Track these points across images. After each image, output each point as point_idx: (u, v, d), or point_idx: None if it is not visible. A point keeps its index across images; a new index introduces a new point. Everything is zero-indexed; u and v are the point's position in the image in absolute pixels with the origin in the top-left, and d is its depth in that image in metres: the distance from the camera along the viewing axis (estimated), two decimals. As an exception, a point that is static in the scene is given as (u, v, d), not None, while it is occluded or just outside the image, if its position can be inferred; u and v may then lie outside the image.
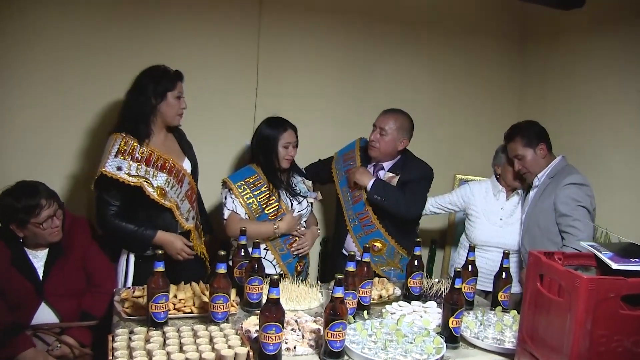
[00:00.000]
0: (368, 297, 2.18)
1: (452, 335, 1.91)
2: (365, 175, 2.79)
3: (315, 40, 3.41)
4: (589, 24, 3.32)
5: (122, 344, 1.71)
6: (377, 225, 2.82)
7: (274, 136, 2.70)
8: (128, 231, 2.38)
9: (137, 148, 2.39)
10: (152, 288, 1.89)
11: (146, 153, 2.41)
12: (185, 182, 2.54)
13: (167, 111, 2.47)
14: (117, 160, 2.34)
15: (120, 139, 2.38)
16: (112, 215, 2.37)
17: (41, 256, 2.34)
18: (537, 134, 2.77)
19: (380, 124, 2.81)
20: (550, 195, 2.67)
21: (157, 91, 2.43)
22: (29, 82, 2.85)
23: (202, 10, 3.13)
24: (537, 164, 2.76)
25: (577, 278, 1.45)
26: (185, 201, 2.54)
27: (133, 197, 2.38)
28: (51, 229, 2.28)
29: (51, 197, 2.30)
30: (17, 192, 2.27)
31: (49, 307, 2.29)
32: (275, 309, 1.66)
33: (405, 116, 2.87)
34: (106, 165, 2.33)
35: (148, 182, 2.38)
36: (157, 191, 2.39)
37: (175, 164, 2.49)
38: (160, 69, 2.48)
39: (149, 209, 2.42)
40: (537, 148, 2.74)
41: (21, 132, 2.87)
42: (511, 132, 2.83)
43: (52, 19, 2.85)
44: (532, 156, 2.76)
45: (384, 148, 2.82)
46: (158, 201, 2.39)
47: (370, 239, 2.83)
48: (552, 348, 1.55)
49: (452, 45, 3.73)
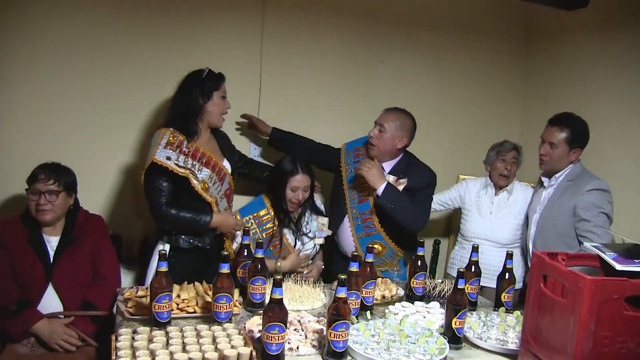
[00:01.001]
0: (371, 298, 2.18)
1: (455, 335, 1.91)
2: (378, 178, 2.68)
3: (319, 42, 3.41)
4: (592, 24, 3.31)
5: (125, 343, 1.72)
6: (379, 228, 2.80)
7: (284, 176, 2.70)
8: (187, 219, 2.47)
9: (184, 143, 2.51)
10: (155, 288, 1.89)
11: (192, 148, 2.53)
12: (225, 181, 2.66)
13: (213, 110, 2.60)
14: (167, 150, 2.46)
15: (169, 133, 2.50)
16: (165, 204, 2.46)
17: (54, 242, 2.41)
18: (582, 139, 2.71)
19: (380, 120, 2.79)
20: (570, 199, 2.62)
21: (204, 91, 2.56)
22: (28, 82, 2.86)
23: (205, 12, 3.13)
24: (562, 162, 2.72)
25: (581, 279, 1.45)
26: (223, 199, 2.66)
27: (181, 191, 2.49)
28: (37, 203, 2.33)
29: (54, 177, 2.36)
30: (46, 163, 2.43)
31: (55, 292, 2.34)
32: (279, 309, 1.66)
33: (406, 115, 2.84)
34: (156, 154, 2.43)
35: (194, 174, 2.50)
36: (201, 184, 2.51)
37: (217, 162, 2.61)
38: (205, 70, 2.61)
39: (190, 202, 2.52)
40: (574, 150, 2.69)
41: (23, 132, 2.88)
42: (562, 119, 2.73)
43: (53, 19, 2.85)
44: (564, 153, 2.69)
45: (382, 145, 2.78)
46: (201, 194, 2.51)
47: (370, 241, 2.78)
48: (556, 349, 1.54)
49: (456, 45, 3.73)
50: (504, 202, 3.12)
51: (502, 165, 3.12)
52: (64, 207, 2.42)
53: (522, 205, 3.07)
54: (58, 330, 2.24)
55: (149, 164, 2.44)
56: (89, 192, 2.68)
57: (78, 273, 2.40)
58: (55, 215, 2.38)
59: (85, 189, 2.62)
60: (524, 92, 3.92)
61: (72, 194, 2.46)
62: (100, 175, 3.03)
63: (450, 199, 3.32)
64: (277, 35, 3.29)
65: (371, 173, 2.68)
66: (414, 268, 2.35)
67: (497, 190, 3.16)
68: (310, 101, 3.43)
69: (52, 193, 2.35)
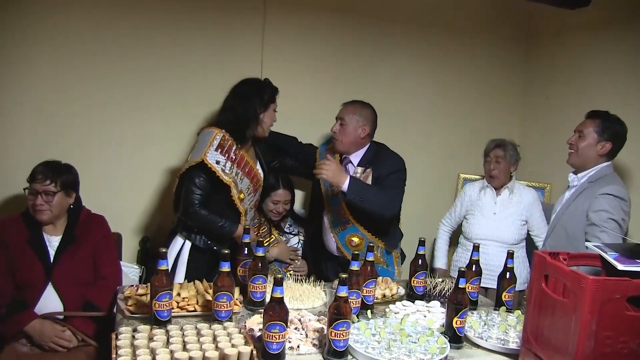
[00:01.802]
0: (372, 297, 2.18)
1: (456, 335, 1.90)
2: (339, 174, 2.60)
3: (319, 41, 3.40)
4: (594, 23, 3.30)
5: (125, 342, 1.71)
6: (352, 220, 2.78)
7: (267, 190, 2.85)
8: (214, 223, 2.51)
9: (233, 148, 2.55)
10: (155, 286, 1.89)
11: (239, 155, 2.58)
12: (257, 193, 2.72)
13: (267, 121, 2.65)
14: (217, 154, 2.50)
15: (221, 135, 2.54)
16: (198, 203, 2.49)
17: (55, 241, 2.40)
18: (614, 133, 2.57)
19: (340, 114, 2.80)
20: (584, 202, 2.53)
21: (262, 101, 2.60)
22: (28, 82, 2.85)
23: (206, 11, 3.12)
24: (589, 154, 2.58)
25: (583, 279, 1.45)
26: (252, 210, 2.73)
27: (216, 195, 2.54)
28: (34, 203, 2.33)
29: (51, 177, 2.35)
30: (47, 161, 2.41)
31: (54, 291, 2.33)
32: (279, 308, 1.66)
33: (364, 105, 2.85)
34: (208, 155, 2.48)
35: (235, 184, 2.54)
36: (239, 194, 2.57)
37: (257, 172, 2.67)
38: (264, 81, 2.68)
39: (222, 208, 2.55)
40: (602, 142, 2.56)
41: (24, 131, 2.87)
42: (597, 111, 2.65)
43: (52, 17, 2.84)
44: (592, 144, 2.57)
45: (346, 138, 2.78)
46: (237, 204, 2.56)
47: (347, 235, 2.79)
48: (557, 349, 1.54)
49: (457, 45, 3.73)
50: (507, 201, 3.11)
51: (487, 167, 3.14)
52: (62, 206, 2.41)
53: (527, 205, 3.06)
54: (47, 332, 2.23)
55: (198, 161, 2.46)
56: (89, 191, 2.67)
57: (79, 272, 2.39)
58: (52, 214, 2.37)
59: (86, 188, 2.61)
60: (524, 91, 3.92)
61: (71, 193, 2.44)
62: (101, 173, 3.02)
63: (459, 214, 3.32)
64: (278, 34, 3.29)
65: (331, 172, 2.59)
66: (415, 267, 2.35)
67: (498, 190, 3.16)
68: (311, 100, 3.43)
69: (48, 193, 2.33)
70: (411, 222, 3.67)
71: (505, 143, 3.15)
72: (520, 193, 3.11)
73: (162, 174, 3.17)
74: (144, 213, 3.16)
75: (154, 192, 3.17)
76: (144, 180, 3.14)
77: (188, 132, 3.15)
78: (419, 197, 3.79)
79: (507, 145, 3.14)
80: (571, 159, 2.66)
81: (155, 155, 3.13)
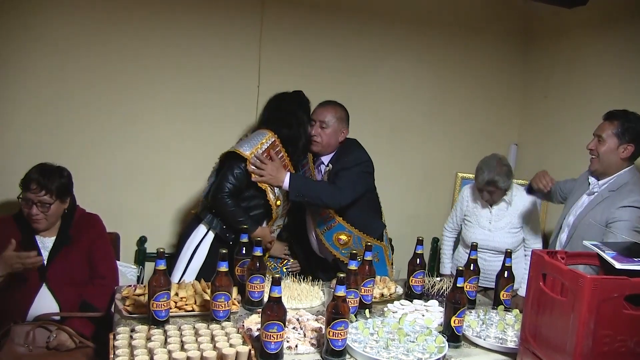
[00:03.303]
0: (370, 296, 2.18)
1: (454, 334, 1.90)
2: (277, 172, 2.59)
3: (317, 40, 3.40)
4: (592, 22, 3.31)
5: (123, 342, 1.71)
6: (337, 218, 2.75)
7: None
8: (235, 215, 2.55)
9: (280, 154, 2.62)
10: (153, 286, 1.89)
11: (284, 162, 2.64)
12: (288, 199, 2.72)
13: (305, 137, 2.72)
14: (263, 157, 2.57)
15: (274, 139, 2.63)
16: (228, 191, 2.54)
17: (48, 243, 2.37)
18: (636, 135, 2.41)
19: (320, 117, 2.74)
20: (604, 212, 2.39)
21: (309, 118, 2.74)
22: (26, 82, 2.85)
23: (204, 9, 3.12)
24: (610, 159, 2.43)
25: (581, 277, 1.44)
26: (283, 217, 2.77)
27: (250, 191, 2.60)
28: (29, 212, 2.30)
29: (46, 187, 2.29)
30: (40, 165, 2.36)
31: (49, 292, 2.32)
32: (277, 308, 1.66)
33: (341, 107, 2.82)
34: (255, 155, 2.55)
35: (272, 189, 2.62)
36: (276, 199, 2.63)
37: None
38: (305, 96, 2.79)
39: (256, 207, 2.62)
40: (624, 145, 2.41)
41: (20, 131, 2.88)
42: (615, 112, 2.49)
43: (52, 18, 2.85)
44: (613, 148, 2.42)
45: (326, 141, 2.75)
46: (273, 208, 2.62)
47: (334, 233, 2.77)
48: (555, 348, 1.54)
49: (455, 44, 3.73)
50: (503, 212, 3.06)
51: (481, 194, 3.08)
52: (58, 213, 2.38)
53: (521, 213, 3.03)
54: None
55: (245, 154, 2.53)
56: (87, 191, 2.67)
57: (74, 273, 2.38)
58: (49, 222, 2.35)
59: (83, 188, 2.61)
60: (523, 91, 3.92)
61: (66, 199, 2.40)
62: (98, 173, 3.03)
63: (459, 218, 3.27)
64: (275, 33, 3.29)
65: (267, 173, 2.58)
66: (413, 266, 2.34)
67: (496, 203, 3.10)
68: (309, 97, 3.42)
69: (44, 204, 2.30)
70: (410, 221, 3.68)
71: (495, 179, 2.95)
72: (517, 202, 3.04)
73: (160, 174, 3.17)
74: (142, 213, 3.16)
75: (152, 192, 3.17)
76: (142, 180, 3.14)
77: (186, 132, 3.15)
78: (417, 197, 3.79)
79: (498, 180, 2.95)
80: (594, 166, 2.50)
81: (153, 155, 3.13)
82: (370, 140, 2.93)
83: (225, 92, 3.23)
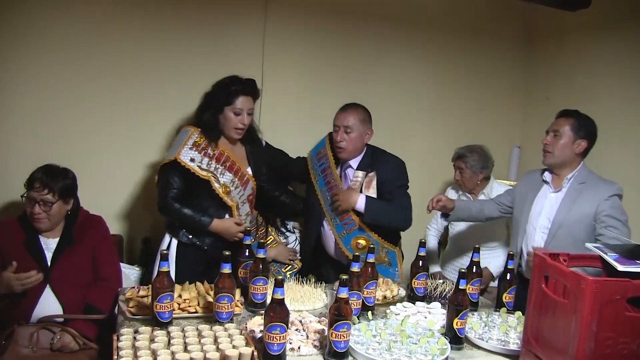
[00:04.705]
0: (372, 298, 2.18)
1: (456, 336, 1.90)
2: (351, 196, 2.65)
3: (320, 41, 3.41)
4: (594, 25, 3.31)
5: (127, 343, 1.72)
6: (359, 222, 2.74)
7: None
8: (186, 216, 2.52)
9: (210, 146, 2.56)
10: (157, 288, 1.89)
11: (217, 152, 2.58)
12: (248, 186, 2.68)
13: (225, 124, 2.60)
14: (192, 152, 2.52)
15: (197, 134, 2.57)
16: (172, 197, 2.52)
17: (52, 244, 2.39)
18: (589, 131, 2.54)
19: (342, 122, 2.71)
20: (590, 204, 2.44)
21: (217, 102, 2.58)
22: (28, 81, 2.86)
23: (207, 10, 3.13)
24: (566, 153, 2.53)
25: (583, 280, 1.45)
26: (246, 204, 2.69)
27: (198, 188, 2.54)
28: (32, 211, 2.32)
29: (49, 186, 2.32)
30: (46, 166, 2.40)
31: (53, 294, 2.33)
32: (280, 309, 1.66)
33: (363, 108, 2.79)
34: (181, 154, 2.50)
35: (215, 177, 2.54)
36: (222, 188, 2.56)
37: (241, 167, 2.64)
38: (229, 80, 2.62)
39: (210, 204, 2.56)
40: (578, 141, 2.52)
41: (23, 132, 2.88)
42: (568, 110, 2.61)
43: (52, 18, 2.86)
44: (568, 143, 2.52)
45: (352, 146, 2.73)
46: (222, 197, 2.55)
47: (352, 238, 2.76)
48: (557, 350, 1.54)
49: (457, 46, 3.73)
50: None
51: (455, 175, 3.18)
52: (60, 214, 2.39)
53: None
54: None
55: (171, 159, 2.50)
56: (90, 192, 2.68)
57: (77, 274, 2.38)
58: (51, 223, 2.36)
59: (87, 189, 2.62)
60: (525, 93, 3.92)
61: (69, 200, 2.42)
62: (102, 174, 3.03)
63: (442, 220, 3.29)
64: (279, 34, 3.30)
65: (344, 200, 2.65)
66: (416, 268, 2.35)
67: (475, 196, 3.17)
68: (312, 100, 3.44)
69: (46, 203, 2.32)
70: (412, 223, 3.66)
71: (465, 154, 3.09)
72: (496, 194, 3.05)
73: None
74: (145, 214, 3.16)
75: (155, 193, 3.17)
76: (145, 182, 3.14)
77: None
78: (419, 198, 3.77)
79: (468, 156, 3.08)
80: (547, 160, 2.59)
81: (156, 156, 3.13)
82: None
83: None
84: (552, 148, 2.55)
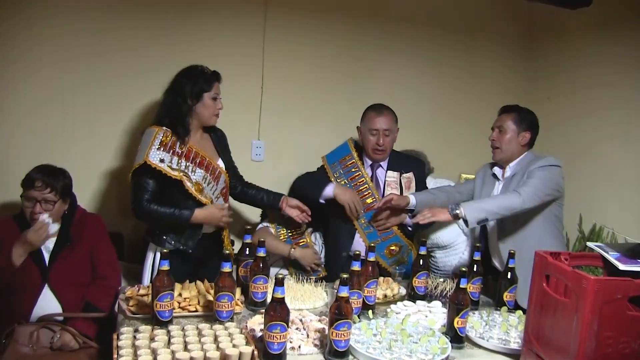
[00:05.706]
0: (373, 297, 2.18)
1: (457, 335, 1.90)
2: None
3: (321, 41, 3.40)
4: (596, 23, 3.30)
5: (127, 342, 1.72)
6: (396, 230, 2.79)
7: None
8: (166, 214, 2.42)
9: (177, 143, 2.47)
10: (157, 286, 1.89)
11: (185, 149, 2.49)
12: (221, 180, 2.61)
13: (203, 112, 2.53)
14: (160, 152, 2.42)
15: (162, 133, 2.45)
16: (147, 200, 2.43)
17: (50, 244, 2.37)
18: (531, 123, 2.66)
19: (383, 125, 2.75)
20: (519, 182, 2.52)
21: (193, 92, 2.48)
22: (24, 80, 2.86)
23: (207, 10, 3.13)
24: (512, 146, 2.62)
25: (584, 279, 1.44)
26: (220, 198, 2.62)
27: (171, 189, 2.45)
28: (32, 211, 2.30)
29: (51, 185, 2.31)
30: (42, 166, 2.37)
31: (52, 293, 2.33)
32: (280, 308, 1.66)
33: (391, 109, 2.86)
34: (150, 155, 2.40)
35: (187, 176, 2.46)
36: (195, 186, 2.47)
37: (212, 161, 2.57)
38: (198, 69, 2.53)
39: (185, 202, 2.47)
40: (522, 133, 2.62)
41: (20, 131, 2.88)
42: (510, 107, 2.73)
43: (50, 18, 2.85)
44: (513, 136, 2.62)
45: (390, 148, 2.83)
46: (195, 196, 2.46)
47: (388, 244, 2.79)
48: (558, 349, 1.54)
49: (458, 45, 3.72)
50: None
51: None
52: (59, 214, 2.39)
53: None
54: None
55: (141, 163, 2.39)
56: (89, 191, 2.68)
57: (76, 273, 2.38)
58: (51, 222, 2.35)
59: (85, 188, 2.61)
60: (526, 92, 3.91)
61: (66, 200, 2.41)
62: (101, 173, 3.03)
63: None
64: (279, 33, 3.29)
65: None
66: (416, 267, 2.35)
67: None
68: (313, 99, 3.43)
69: (48, 202, 2.31)
70: (413, 222, 3.66)
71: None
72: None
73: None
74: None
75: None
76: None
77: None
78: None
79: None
80: (497, 156, 2.67)
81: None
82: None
83: (229, 92, 3.22)
84: (500, 143, 2.65)
